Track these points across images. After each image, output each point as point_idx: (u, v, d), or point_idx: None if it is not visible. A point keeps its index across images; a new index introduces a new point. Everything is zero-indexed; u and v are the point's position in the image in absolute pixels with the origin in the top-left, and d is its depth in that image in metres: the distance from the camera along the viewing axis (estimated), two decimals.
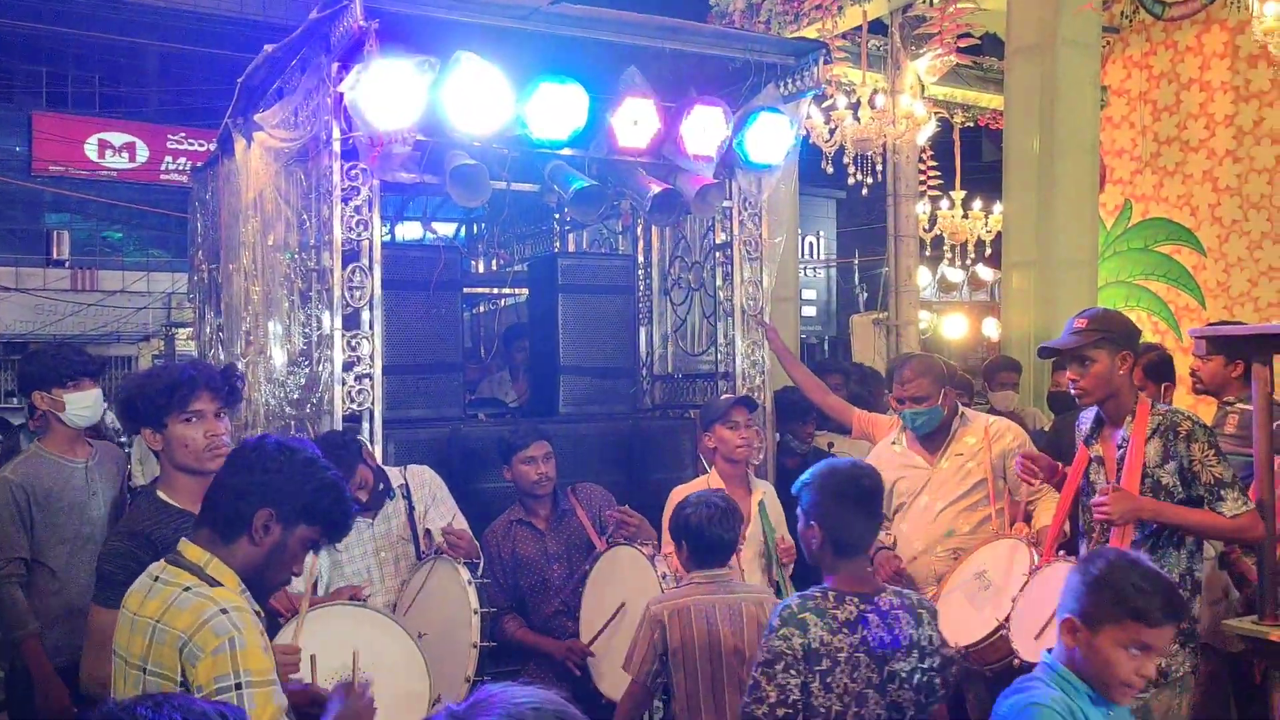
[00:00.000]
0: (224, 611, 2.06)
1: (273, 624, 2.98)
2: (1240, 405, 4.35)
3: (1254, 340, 3.48)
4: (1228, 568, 3.94)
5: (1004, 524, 4.00)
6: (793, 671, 2.55)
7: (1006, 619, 3.46)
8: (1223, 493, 3.25)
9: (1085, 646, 2.25)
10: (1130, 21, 8.44)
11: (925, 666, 2.68)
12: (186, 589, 2.12)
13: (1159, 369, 4.87)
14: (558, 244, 6.93)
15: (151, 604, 2.14)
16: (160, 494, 2.91)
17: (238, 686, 2.00)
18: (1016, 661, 3.43)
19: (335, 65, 4.07)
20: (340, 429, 4.08)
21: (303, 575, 3.32)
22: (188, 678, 2.03)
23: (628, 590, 3.77)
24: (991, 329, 13.56)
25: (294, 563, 2.27)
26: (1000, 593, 3.59)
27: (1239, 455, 3.82)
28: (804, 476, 2.85)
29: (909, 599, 2.75)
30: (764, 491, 4.35)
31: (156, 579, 2.19)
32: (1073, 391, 3.48)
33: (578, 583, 4.03)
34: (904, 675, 2.64)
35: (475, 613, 3.42)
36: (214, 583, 2.14)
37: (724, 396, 4.59)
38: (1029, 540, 3.72)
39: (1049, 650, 2.35)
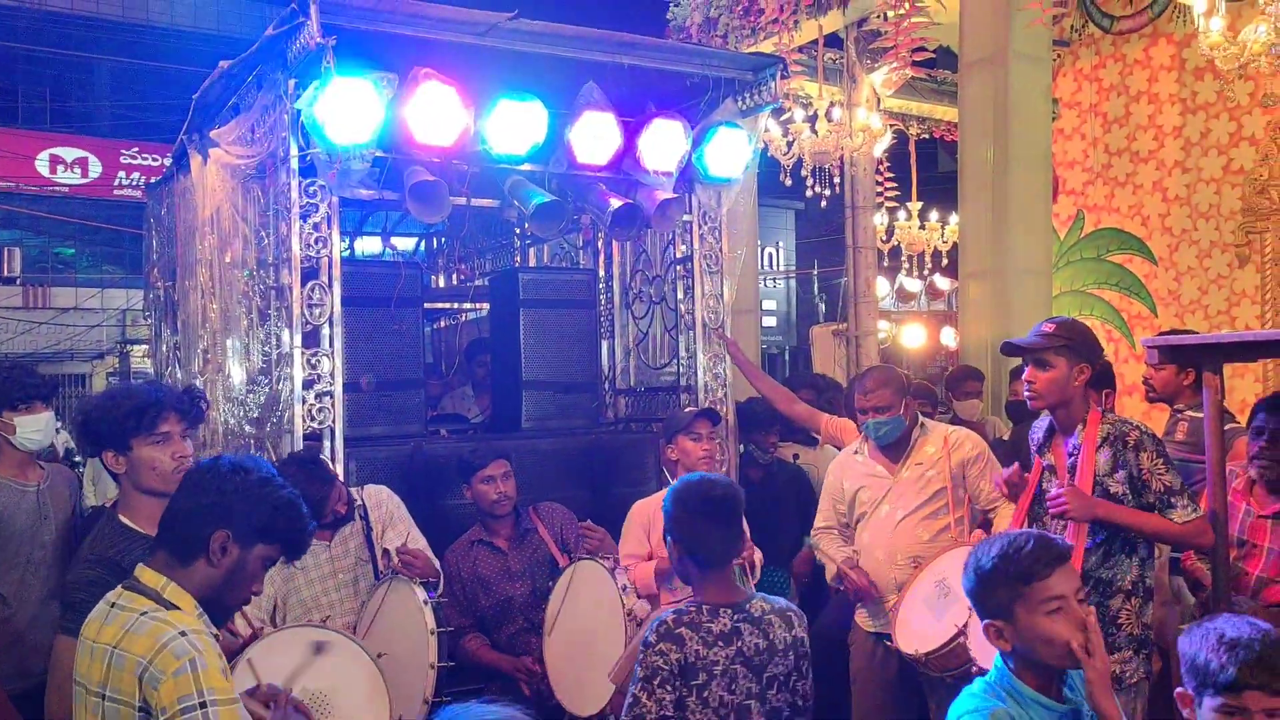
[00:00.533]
0: (182, 634, 2.05)
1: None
2: (1190, 413, 4.42)
3: (1205, 349, 3.54)
4: (1182, 573, 4.00)
5: (963, 532, 4.05)
6: (668, 686, 2.57)
7: (964, 626, 3.49)
8: (1173, 500, 3.31)
9: (1016, 639, 2.17)
10: (1080, 35, 8.59)
11: (801, 669, 2.72)
12: (143, 614, 2.10)
13: (1100, 377, 4.97)
14: (518, 258, 6.92)
15: (109, 630, 2.12)
16: (122, 518, 2.86)
17: (202, 705, 1.99)
18: (975, 669, 3.47)
19: (292, 82, 4.06)
20: (302, 447, 4.04)
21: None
22: (149, 702, 2.01)
23: (590, 604, 3.77)
24: (949, 338, 13.70)
25: (253, 582, 2.25)
26: (959, 600, 3.62)
27: (1189, 462, 3.89)
28: (666, 496, 2.86)
29: (777, 604, 2.77)
30: None
31: (114, 605, 2.17)
32: (1026, 394, 3.53)
33: (541, 599, 4.02)
34: (781, 679, 2.67)
35: (432, 633, 3.40)
36: (171, 606, 2.13)
37: (687, 409, 4.61)
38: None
39: (1000, 657, 2.27)
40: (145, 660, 2.02)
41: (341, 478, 4.07)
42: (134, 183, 17.65)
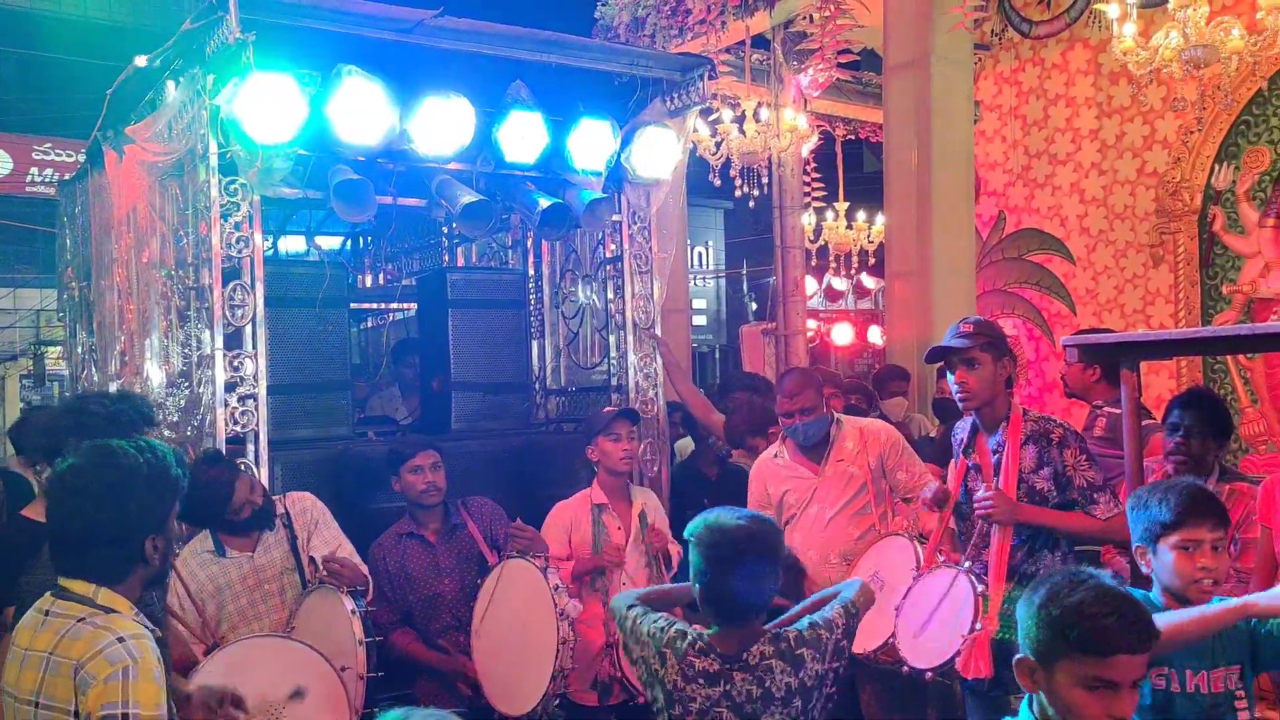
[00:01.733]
0: (120, 640, 2.03)
1: None
2: (1109, 409, 4.54)
3: (1122, 347, 3.64)
4: (1101, 568, 4.11)
5: (888, 524, 4.11)
6: (644, 677, 2.63)
7: (894, 629, 3.56)
8: (1095, 495, 3.40)
9: (1046, 689, 1.95)
10: (1000, 39, 8.76)
11: (810, 710, 2.56)
12: (80, 620, 2.07)
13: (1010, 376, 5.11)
14: (446, 258, 6.86)
15: (43, 637, 2.08)
16: None
17: (124, 717, 1.96)
18: (905, 669, 3.52)
19: (211, 77, 3.96)
20: (224, 451, 3.96)
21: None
22: (79, 706, 1.99)
23: (520, 603, 3.75)
24: (876, 337, 13.89)
25: (177, 538, 2.36)
26: (895, 592, 3.68)
27: (1108, 457, 3.99)
28: (692, 526, 2.65)
29: (784, 642, 2.57)
30: (644, 501, 4.39)
31: (47, 613, 2.12)
32: (958, 395, 3.59)
33: (469, 596, 3.99)
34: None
35: (360, 643, 3.36)
36: (108, 610, 2.10)
37: (607, 409, 4.61)
38: (911, 534, 3.83)
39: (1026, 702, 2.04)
40: (80, 662, 2.00)
41: (265, 482, 3.99)
42: (46, 179, 17.12)
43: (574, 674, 3.76)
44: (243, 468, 3.87)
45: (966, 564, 3.51)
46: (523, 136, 4.61)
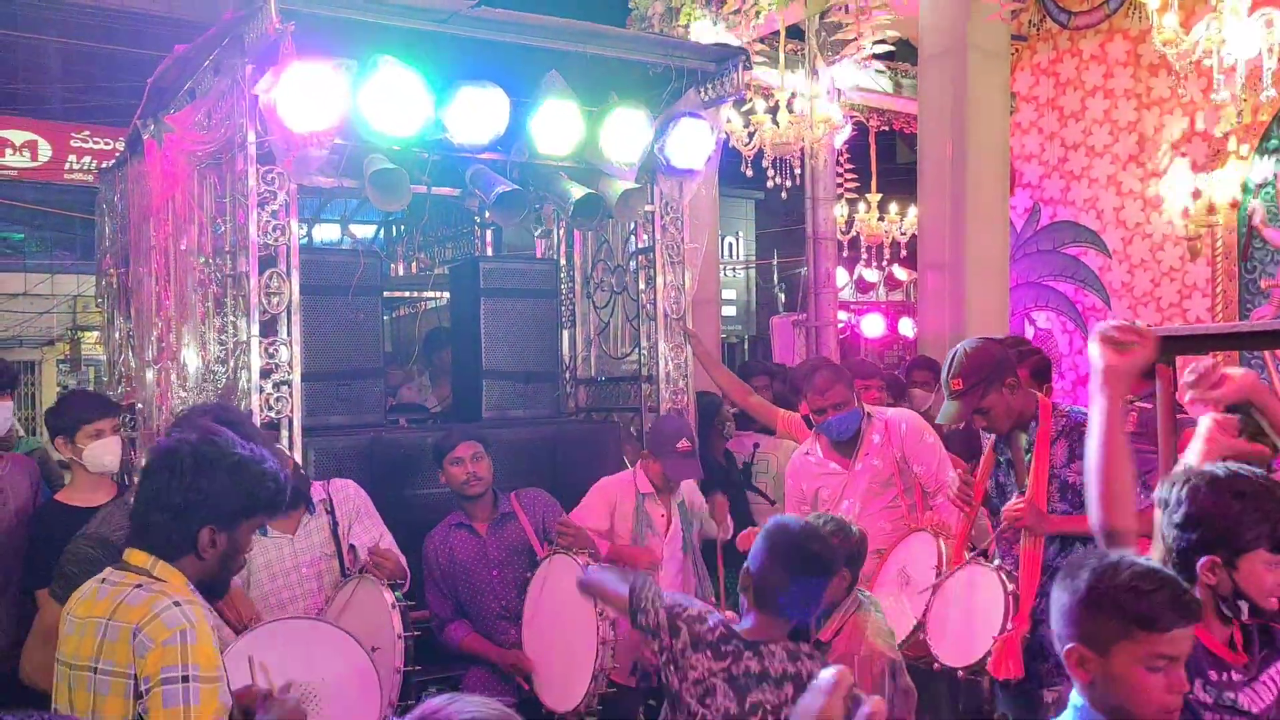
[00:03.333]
0: (177, 604, 2.06)
1: None
2: (1140, 404, 4.49)
3: (1158, 341, 3.60)
4: None
5: (916, 516, 4.10)
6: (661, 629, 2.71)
7: (924, 619, 3.55)
8: None
9: (1101, 676, 1.89)
10: (1038, 30, 8.67)
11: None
12: (137, 586, 2.11)
13: (1043, 372, 5.03)
14: (479, 247, 6.89)
15: (101, 605, 2.12)
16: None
17: (184, 679, 1.99)
18: (937, 666, 3.51)
19: (250, 67, 4.00)
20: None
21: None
22: (137, 669, 2.02)
23: (563, 600, 3.77)
24: (908, 329, 13.80)
25: (244, 552, 2.28)
26: (918, 588, 3.67)
27: (1141, 451, 3.95)
28: (769, 525, 2.79)
29: (796, 655, 2.67)
30: (682, 490, 4.41)
31: (104, 581, 2.17)
32: (985, 432, 3.60)
33: (519, 587, 4.01)
34: (769, 707, 2.62)
35: (400, 637, 3.39)
36: (163, 580, 2.14)
37: (664, 421, 4.62)
38: (934, 529, 3.81)
39: (1075, 689, 1.98)
40: (138, 625, 2.03)
41: (300, 468, 4.04)
42: (85, 167, 17.29)
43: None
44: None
45: (996, 561, 3.50)
46: (557, 126, 4.62)
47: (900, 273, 14.43)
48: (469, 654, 4.03)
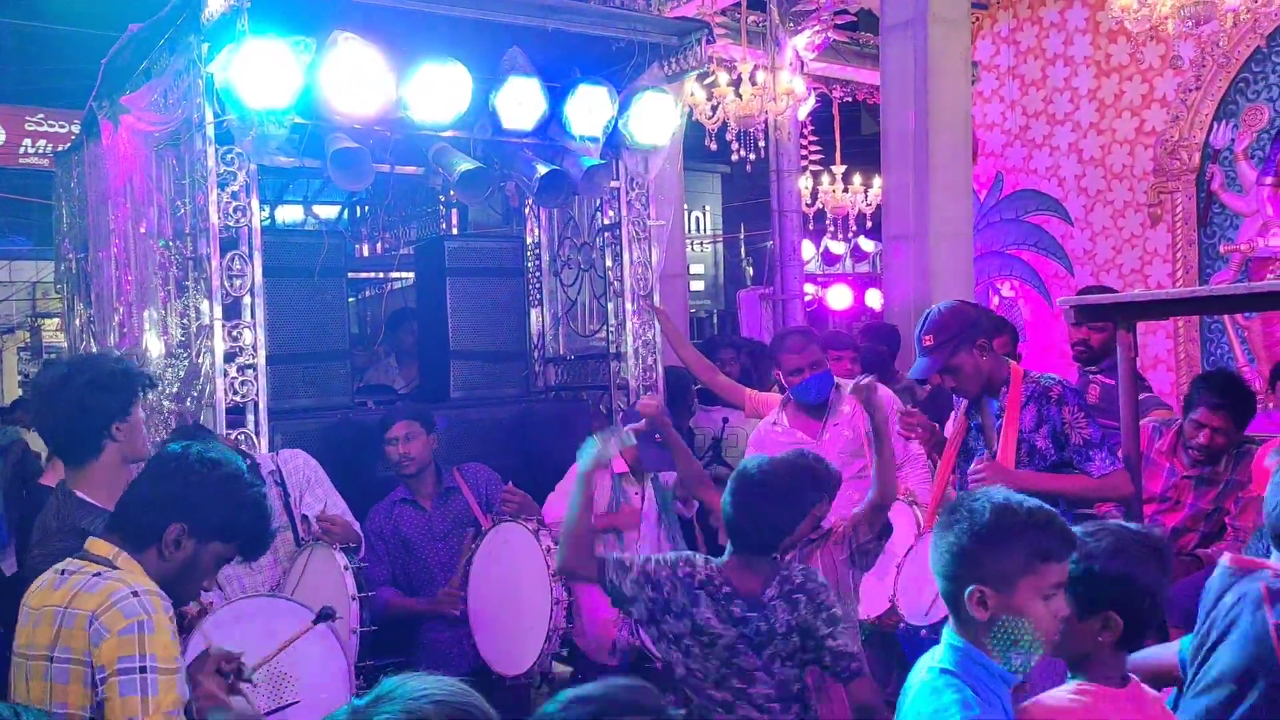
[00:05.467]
0: (135, 594, 2.03)
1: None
2: (1101, 378, 4.54)
3: (1119, 308, 3.64)
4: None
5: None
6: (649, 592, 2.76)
7: (894, 595, 3.59)
8: (1091, 453, 3.41)
9: (1004, 612, 1.93)
10: None
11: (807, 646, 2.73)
12: (96, 575, 2.08)
13: (1012, 343, 5.10)
14: (444, 226, 6.84)
15: (57, 594, 2.09)
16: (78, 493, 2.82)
17: (142, 670, 1.97)
18: (902, 625, 3.55)
19: (206, 45, 3.94)
20: (224, 421, 3.98)
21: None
22: (92, 659, 1.99)
23: (511, 565, 3.81)
24: (875, 300, 13.88)
25: (204, 578, 2.20)
26: (889, 558, 3.71)
27: (1103, 425, 4.02)
28: (745, 462, 2.90)
29: (795, 582, 2.78)
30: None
31: (63, 572, 2.14)
32: (956, 395, 3.63)
33: (466, 561, 4.03)
34: (784, 655, 2.72)
35: (353, 599, 3.40)
36: (121, 570, 2.11)
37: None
38: (909, 499, 3.85)
39: (950, 630, 2.01)
40: (94, 613, 2.00)
41: (266, 451, 4.02)
42: (40, 150, 16.97)
43: (592, 642, 3.82)
44: (236, 437, 3.90)
45: None
46: (520, 103, 4.59)
47: (866, 244, 14.49)
48: (400, 613, 4.04)
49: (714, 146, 8.27)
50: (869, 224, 11.98)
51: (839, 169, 11.28)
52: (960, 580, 1.95)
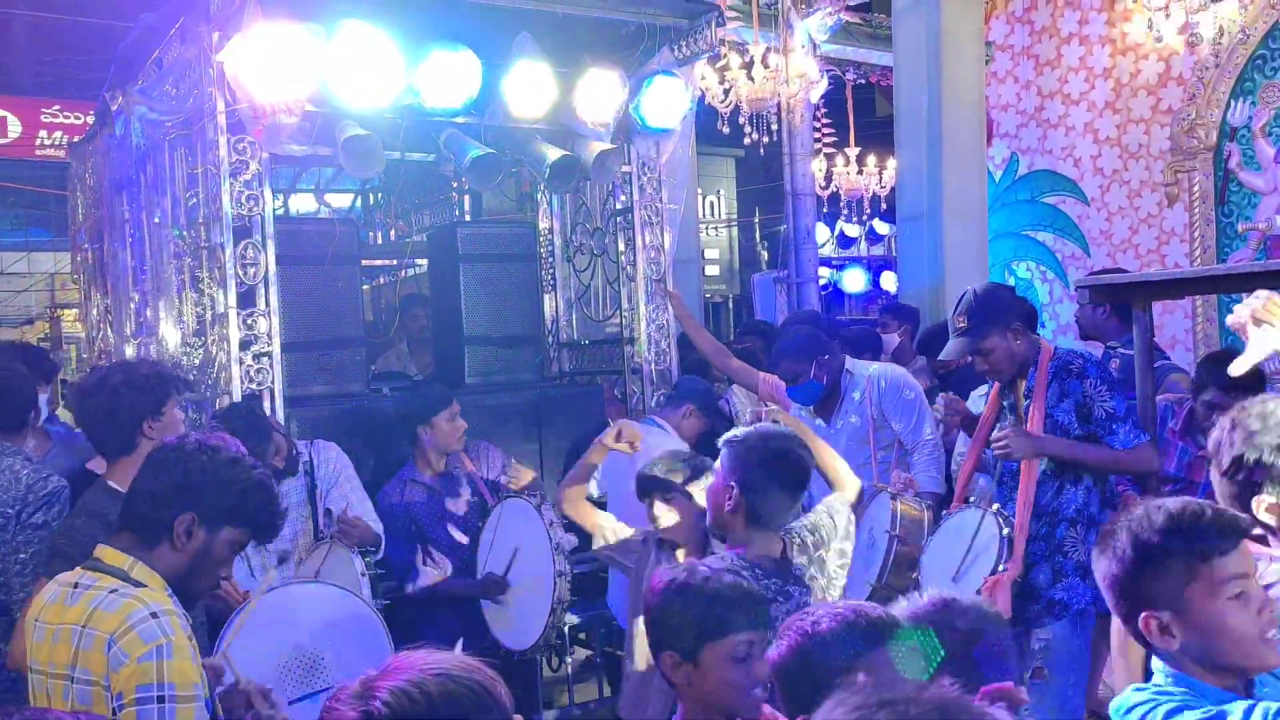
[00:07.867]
0: (154, 615, 1.98)
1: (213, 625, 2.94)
2: (1123, 350, 4.53)
3: (1135, 287, 3.63)
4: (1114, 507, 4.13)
5: (883, 474, 4.13)
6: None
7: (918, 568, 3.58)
8: (1114, 426, 3.40)
9: (1186, 630, 1.68)
10: None
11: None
12: (112, 591, 2.03)
13: (1031, 324, 5.07)
14: (457, 212, 6.84)
15: (73, 611, 2.04)
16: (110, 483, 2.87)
17: (159, 700, 1.93)
18: None
19: (216, 34, 3.95)
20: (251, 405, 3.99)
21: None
22: (110, 682, 1.95)
23: (519, 540, 3.83)
24: (890, 283, 13.83)
25: (221, 566, 2.18)
26: (882, 552, 3.68)
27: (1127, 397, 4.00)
28: (735, 433, 2.85)
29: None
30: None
31: (76, 585, 2.09)
32: (987, 378, 3.63)
33: (473, 537, 4.07)
34: None
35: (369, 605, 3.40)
36: (139, 584, 2.06)
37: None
38: (893, 491, 3.82)
39: (1162, 662, 1.75)
40: (112, 637, 1.96)
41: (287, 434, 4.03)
42: (56, 142, 17.04)
43: None
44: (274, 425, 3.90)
45: (995, 505, 3.52)
46: (530, 88, 4.58)
47: (882, 227, 14.45)
48: (445, 594, 4.03)
49: (727, 130, 8.23)
50: (884, 206, 11.92)
51: (853, 151, 11.22)
52: (1128, 617, 1.75)
